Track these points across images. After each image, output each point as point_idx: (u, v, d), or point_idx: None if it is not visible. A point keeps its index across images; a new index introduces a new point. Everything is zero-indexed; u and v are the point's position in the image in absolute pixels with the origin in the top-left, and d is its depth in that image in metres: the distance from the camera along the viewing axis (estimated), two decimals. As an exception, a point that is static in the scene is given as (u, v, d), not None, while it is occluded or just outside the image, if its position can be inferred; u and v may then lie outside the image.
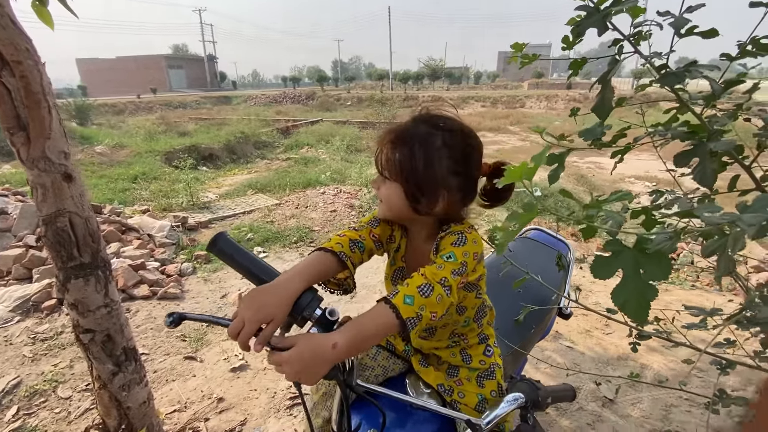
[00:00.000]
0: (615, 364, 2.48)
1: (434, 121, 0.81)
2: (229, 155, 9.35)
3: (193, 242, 4.15)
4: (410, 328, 0.66)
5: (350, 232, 0.88)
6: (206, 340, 2.63)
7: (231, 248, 0.70)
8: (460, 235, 0.80)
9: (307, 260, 0.77)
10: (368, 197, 5.09)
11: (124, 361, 1.58)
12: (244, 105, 25.45)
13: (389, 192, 0.82)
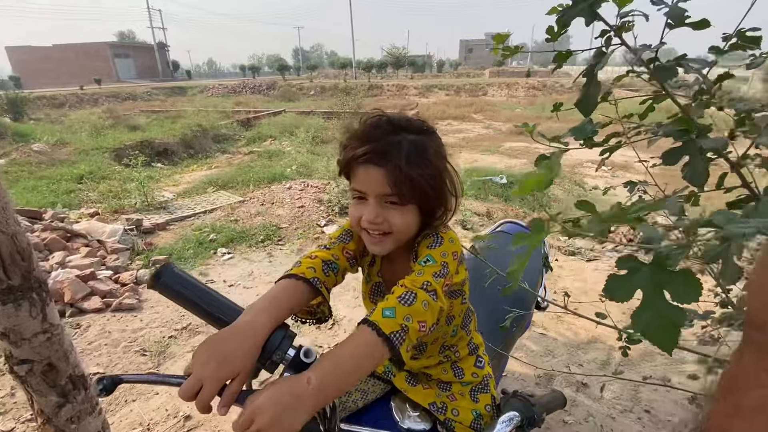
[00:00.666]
0: (585, 347, 2.55)
1: (409, 125, 0.73)
2: (186, 150, 8.84)
3: (150, 246, 3.88)
4: (397, 345, 0.57)
5: (322, 252, 0.78)
6: (169, 353, 2.46)
7: (179, 283, 0.59)
8: (435, 237, 0.74)
9: (274, 291, 0.67)
10: (336, 191, 4.96)
11: (72, 390, 1.41)
12: (201, 96, 24.18)
13: (406, 219, 0.72)
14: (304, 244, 4.03)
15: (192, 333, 2.65)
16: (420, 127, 0.74)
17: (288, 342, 0.58)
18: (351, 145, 0.73)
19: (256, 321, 0.58)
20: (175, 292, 0.59)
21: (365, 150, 0.69)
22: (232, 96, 23.83)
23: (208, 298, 0.60)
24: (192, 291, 0.59)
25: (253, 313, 0.59)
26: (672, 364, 2.37)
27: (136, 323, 2.75)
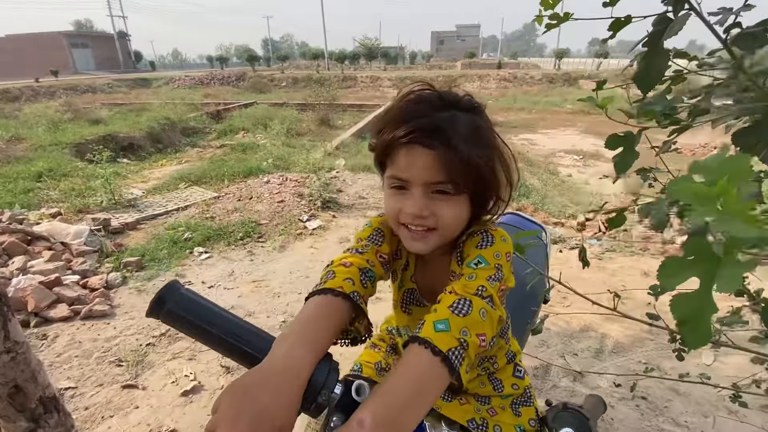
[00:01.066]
0: (578, 336, 2.56)
1: (459, 100, 0.62)
2: (153, 144, 8.38)
3: (120, 247, 3.63)
4: (457, 365, 0.47)
5: (355, 258, 0.64)
6: (148, 363, 2.29)
7: (190, 309, 0.45)
8: (484, 235, 0.64)
9: (309, 313, 0.53)
10: (318, 184, 4.81)
11: (43, 414, 1.26)
12: (166, 88, 23.06)
13: (456, 212, 0.62)
14: (286, 241, 3.88)
15: (172, 339, 2.48)
16: (471, 104, 0.63)
17: (334, 377, 0.46)
18: (390, 125, 0.61)
19: (295, 356, 0.45)
20: (185, 322, 0.45)
21: (410, 128, 0.57)
22: (199, 88, 22.88)
23: (229, 327, 0.46)
24: (208, 318, 0.45)
25: (289, 344, 0.46)
26: (662, 349, 2.41)
27: (109, 331, 2.55)
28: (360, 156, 7.51)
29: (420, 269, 0.76)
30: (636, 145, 0.58)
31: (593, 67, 28.57)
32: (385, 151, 0.62)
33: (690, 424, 1.90)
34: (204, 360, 2.30)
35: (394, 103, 0.64)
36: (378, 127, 0.64)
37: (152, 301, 0.44)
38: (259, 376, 0.42)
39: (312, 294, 0.56)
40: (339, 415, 0.44)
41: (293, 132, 9.82)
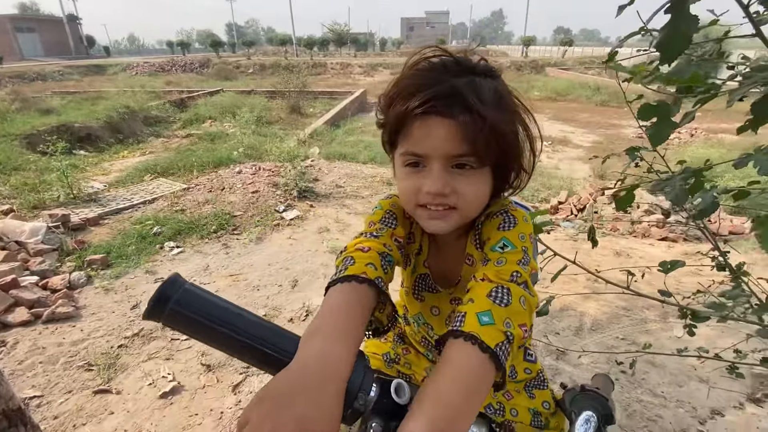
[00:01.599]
0: (559, 316, 2.62)
1: (476, 66, 0.57)
2: (113, 135, 7.88)
3: (82, 245, 3.39)
4: (503, 361, 0.43)
5: (372, 242, 0.58)
6: (121, 365, 2.16)
7: (201, 308, 0.38)
8: (504, 216, 0.59)
9: (335, 303, 0.47)
10: (293, 173, 4.67)
11: (8, 428, 1.15)
12: (124, 75, 21.70)
13: (479, 188, 0.57)
14: (263, 233, 3.76)
15: (146, 339, 2.35)
16: (488, 68, 0.57)
17: (370, 378, 0.40)
18: (401, 96, 0.55)
19: (331, 354, 0.39)
20: (192, 323, 0.38)
21: (425, 96, 0.51)
22: (160, 75, 21.70)
23: (246, 327, 0.39)
24: (220, 318, 0.38)
25: (321, 340, 0.40)
26: (638, 324, 2.51)
27: (75, 334, 2.38)
28: (335, 144, 7.37)
29: (433, 253, 0.71)
30: (673, 115, 0.55)
31: (559, 54, 29.22)
32: (398, 126, 0.56)
33: (666, 394, 1.99)
34: (182, 359, 2.20)
35: (404, 73, 0.58)
36: (387, 101, 0.58)
37: (152, 299, 0.37)
38: (294, 380, 0.36)
39: (333, 283, 0.50)
40: (377, 420, 0.39)
41: (263, 120, 9.50)
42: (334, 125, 9.28)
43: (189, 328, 0.38)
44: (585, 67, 22.13)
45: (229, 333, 0.38)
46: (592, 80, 16.41)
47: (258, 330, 0.40)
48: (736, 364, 1.01)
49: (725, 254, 1.19)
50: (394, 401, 0.39)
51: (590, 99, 14.39)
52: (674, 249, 3.61)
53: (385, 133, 0.61)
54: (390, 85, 0.58)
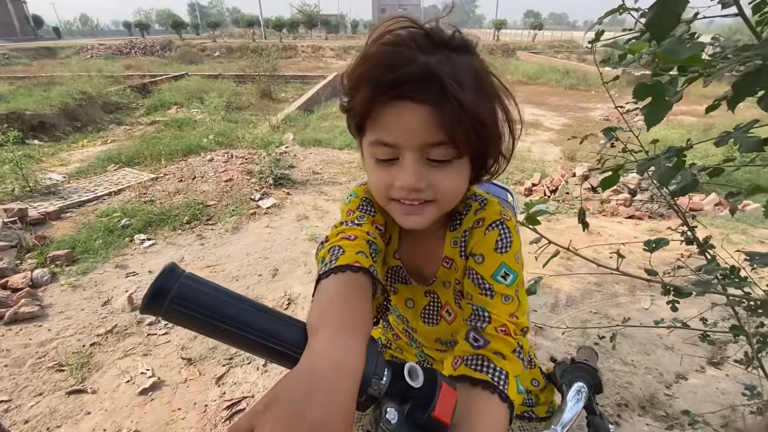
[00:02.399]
0: (536, 294, 2.71)
1: (451, 40, 0.50)
2: (70, 123, 7.40)
3: (43, 240, 3.21)
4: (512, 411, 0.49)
5: (356, 230, 0.54)
6: (95, 364, 2.08)
7: (199, 299, 0.35)
8: (500, 229, 0.57)
9: (337, 293, 0.44)
10: (268, 160, 4.55)
11: (-26, 436, 1.08)
12: (77, 58, 20.27)
13: (457, 178, 0.53)
14: (239, 222, 3.67)
15: (121, 336, 2.27)
16: (464, 42, 0.50)
17: (383, 363, 0.39)
18: (367, 78, 0.48)
19: (342, 348, 0.36)
20: (193, 316, 0.35)
21: (394, 78, 0.45)
22: (118, 58, 20.44)
23: (251, 319, 0.36)
24: (223, 311, 0.35)
25: (328, 334, 0.37)
26: (609, 299, 2.63)
27: (42, 334, 2.27)
28: (309, 130, 7.22)
29: (406, 245, 0.67)
30: (670, 95, 0.56)
31: (529, 38, 29.54)
32: (365, 113, 0.50)
33: (636, 362, 2.11)
34: (161, 354, 2.14)
35: (369, 49, 0.49)
36: (352, 82, 0.51)
37: (148, 293, 0.34)
38: (303, 382, 0.33)
39: (325, 274, 0.46)
40: (392, 404, 0.38)
41: (233, 106, 9.18)
42: (308, 110, 9.07)
43: (189, 322, 0.35)
44: (554, 51, 22.49)
45: (232, 329, 0.36)
46: (561, 64, 16.74)
47: (263, 323, 0.37)
48: (707, 332, 1.07)
49: (693, 228, 1.25)
50: (407, 384, 0.38)
51: (559, 83, 14.69)
52: (640, 226, 3.78)
53: (350, 118, 0.54)
54: (353, 64, 0.51)
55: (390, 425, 0.36)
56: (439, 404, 0.37)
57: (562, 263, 2.98)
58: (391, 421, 0.36)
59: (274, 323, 0.38)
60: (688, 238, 1.29)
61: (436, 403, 0.37)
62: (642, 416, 1.81)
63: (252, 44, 21.29)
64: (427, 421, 0.36)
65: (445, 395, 0.37)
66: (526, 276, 1.41)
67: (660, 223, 3.85)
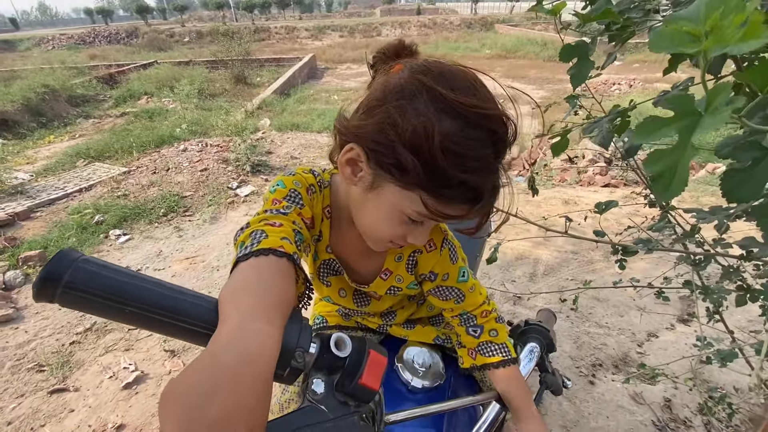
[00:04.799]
0: (515, 264, 2.77)
1: (512, 134, 0.52)
2: (34, 118, 7.08)
3: (13, 242, 3.11)
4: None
5: (281, 218, 0.52)
6: (75, 362, 2.06)
7: (96, 283, 0.33)
8: (447, 244, 0.71)
9: (255, 276, 0.40)
10: (243, 147, 4.46)
11: (-54, 441, 1.07)
12: (38, 50, 19.31)
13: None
14: (217, 212, 3.61)
15: (101, 333, 2.24)
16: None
17: (307, 334, 0.38)
18: (455, 160, 0.45)
19: (256, 331, 0.33)
20: (91, 300, 0.33)
21: (479, 193, 0.48)
22: (82, 48, 19.52)
23: (153, 299, 0.35)
24: (123, 292, 0.34)
25: (238, 320, 0.34)
26: (585, 265, 2.71)
27: (19, 336, 2.22)
28: (286, 114, 7.08)
29: (336, 240, 0.68)
30: (591, 54, 0.56)
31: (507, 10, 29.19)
32: (418, 184, 0.48)
33: (610, 324, 2.20)
34: (143, 348, 2.13)
35: (463, 130, 0.46)
36: (424, 143, 0.45)
37: (38, 278, 0.32)
38: (207, 373, 0.29)
39: (244, 257, 0.42)
40: (319, 376, 0.38)
41: (206, 93, 8.89)
42: (284, 94, 8.87)
43: (89, 307, 0.34)
44: (532, 23, 22.31)
45: (137, 310, 0.34)
46: (540, 36, 16.63)
47: (170, 302, 0.36)
48: (662, 289, 1.12)
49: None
50: (334, 355, 0.38)
51: (538, 55, 14.62)
52: (615, 193, 3.86)
53: (386, 157, 0.48)
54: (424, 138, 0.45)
55: (316, 395, 0.36)
56: (367, 371, 0.37)
57: (541, 233, 3.04)
58: (317, 392, 0.36)
59: (182, 302, 0.36)
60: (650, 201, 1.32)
61: (363, 370, 0.37)
62: (615, 374, 1.89)
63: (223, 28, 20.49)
64: (355, 389, 0.37)
65: (372, 362, 0.38)
66: (488, 245, 1.44)
67: (636, 189, 3.94)
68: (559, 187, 4.28)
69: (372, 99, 0.51)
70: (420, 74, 0.48)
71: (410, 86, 0.47)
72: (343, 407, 0.38)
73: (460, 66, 0.51)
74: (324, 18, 31.86)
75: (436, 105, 0.46)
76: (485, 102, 0.48)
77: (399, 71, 0.51)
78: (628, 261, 1.18)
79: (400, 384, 0.74)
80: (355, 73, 12.54)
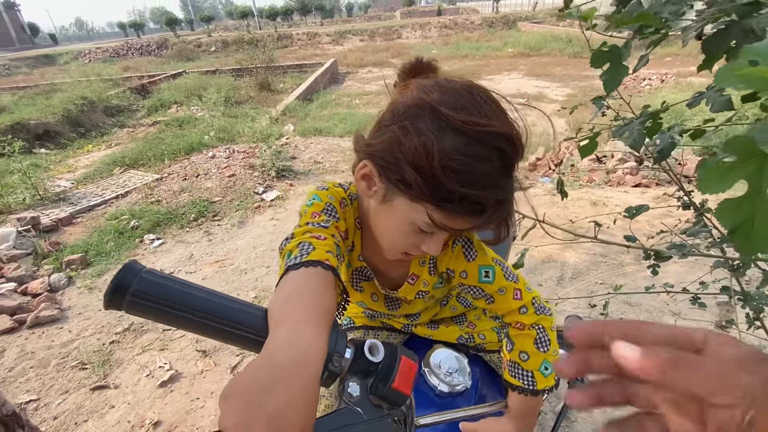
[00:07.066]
0: (542, 268, 2.72)
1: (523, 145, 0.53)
2: (73, 129, 7.49)
3: (57, 246, 3.30)
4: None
5: (324, 231, 0.56)
6: (115, 360, 2.16)
7: (159, 292, 0.37)
8: (461, 241, 0.67)
9: (305, 285, 0.44)
10: (269, 153, 4.57)
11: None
12: (76, 63, 20.38)
13: None
14: (244, 216, 3.72)
15: (138, 333, 2.35)
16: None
17: (343, 340, 0.41)
18: (453, 177, 0.47)
19: (302, 340, 0.36)
20: (154, 308, 0.37)
21: (482, 207, 0.49)
22: (116, 60, 20.50)
23: (211, 308, 0.38)
24: (183, 301, 0.37)
25: (289, 327, 0.37)
26: (615, 269, 2.63)
27: (64, 336, 2.36)
28: (309, 119, 7.20)
29: (368, 249, 0.71)
30: (624, 59, 0.56)
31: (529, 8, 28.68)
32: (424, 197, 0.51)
33: (643, 331, 2.12)
34: (177, 348, 2.21)
35: (462, 147, 0.47)
36: (425, 161, 0.48)
37: (108, 288, 0.36)
38: (261, 374, 0.33)
39: (295, 267, 0.46)
40: (354, 380, 0.41)
41: (232, 100, 9.16)
42: (307, 99, 9.02)
43: (153, 314, 0.37)
44: (556, 19, 21.82)
45: (194, 317, 0.38)
46: (564, 32, 16.24)
47: (223, 310, 0.39)
48: (698, 294, 1.08)
49: (689, 193, 1.24)
50: (368, 360, 0.40)
51: (563, 52, 14.30)
52: (647, 194, 3.73)
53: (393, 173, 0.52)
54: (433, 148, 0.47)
55: (352, 398, 0.39)
56: (399, 376, 0.39)
57: (567, 237, 2.97)
58: (352, 394, 0.39)
59: (235, 311, 0.40)
60: (685, 203, 1.28)
61: (396, 375, 0.39)
62: (649, 382, 1.83)
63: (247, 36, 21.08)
64: (388, 393, 0.39)
65: (404, 367, 0.40)
66: (514, 250, 1.42)
67: (668, 189, 3.79)
68: (587, 187, 4.17)
69: (383, 119, 0.55)
70: (425, 94, 0.50)
71: (415, 106, 0.50)
72: (378, 410, 0.41)
73: (471, 84, 0.52)
74: (345, 23, 32.24)
75: (438, 123, 0.48)
76: (490, 119, 0.48)
77: (409, 91, 0.54)
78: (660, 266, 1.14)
79: (427, 388, 0.76)
80: (375, 76, 12.61)
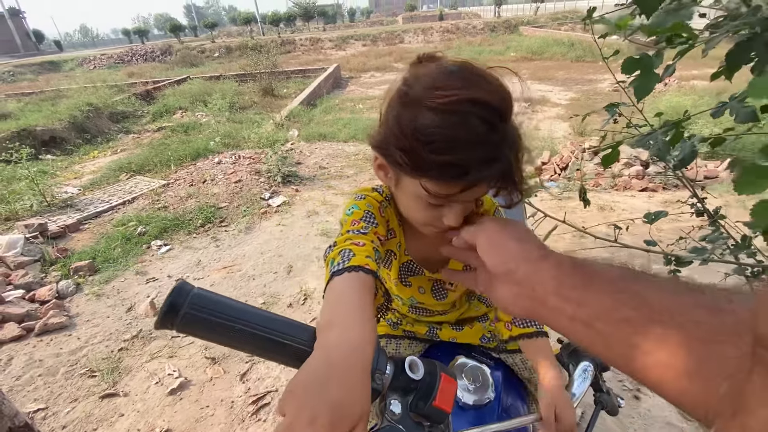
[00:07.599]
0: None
1: (511, 104, 0.53)
2: (79, 135, 7.54)
3: (65, 253, 3.31)
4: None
5: (363, 238, 0.59)
6: (124, 368, 2.16)
7: (211, 309, 0.38)
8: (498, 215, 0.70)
9: (349, 291, 0.48)
10: (274, 159, 4.58)
11: (17, 444, 1.15)
12: (81, 70, 20.54)
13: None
14: (251, 222, 3.72)
15: (146, 340, 2.34)
16: (512, 100, 0.52)
17: (384, 358, 0.42)
18: (429, 150, 0.48)
19: (353, 340, 0.40)
20: (207, 324, 0.38)
21: (463, 169, 0.48)
22: (121, 66, 20.67)
23: (261, 322, 0.40)
24: (234, 316, 0.39)
25: (339, 328, 0.41)
26: (625, 274, 2.61)
27: (72, 343, 2.36)
28: (313, 124, 7.23)
29: (411, 240, 0.75)
30: (656, 68, 0.55)
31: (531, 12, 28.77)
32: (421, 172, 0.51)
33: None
34: (186, 355, 2.21)
35: (434, 120, 0.47)
36: (405, 140, 0.49)
37: (162, 309, 0.37)
38: (320, 368, 0.37)
39: (339, 272, 0.50)
40: (395, 397, 0.41)
41: (236, 106, 9.21)
42: (311, 104, 9.06)
43: (204, 331, 0.38)
44: (558, 23, 21.88)
45: (247, 328, 0.39)
46: (566, 36, 16.28)
47: (273, 323, 0.40)
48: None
49: (703, 200, 1.23)
50: (408, 377, 0.40)
51: (565, 56, 14.31)
52: (655, 198, 3.71)
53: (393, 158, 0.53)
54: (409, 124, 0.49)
55: (394, 416, 0.38)
56: (440, 394, 0.39)
57: (575, 241, 2.96)
58: (395, 412, 0.38)
59: (282, 323, 0.41)
60: (698, 210, 1.27)
61: (437, 393, 0.39)
62: (663, 390, 1.80)
63: (251, 42, 21.22)
64: (430, 410, 0.39)
65: (445, 385, 0.40)
66: None
67: (675, 193, 3.77)
68: (593, 192, 4.16)
69: (382, 112, 0.58)
70: (406, 83, 0.53)
71: (399, 94, 0.53)
72: (419, 428, 0.40)
73: (461, 62, 0.52)
74: (347, 28, 32.42)
75: (415, 105, 0.49)
76: (461, 89, 0.48)
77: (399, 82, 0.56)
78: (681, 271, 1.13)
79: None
80: (378, 81, 12.66)
